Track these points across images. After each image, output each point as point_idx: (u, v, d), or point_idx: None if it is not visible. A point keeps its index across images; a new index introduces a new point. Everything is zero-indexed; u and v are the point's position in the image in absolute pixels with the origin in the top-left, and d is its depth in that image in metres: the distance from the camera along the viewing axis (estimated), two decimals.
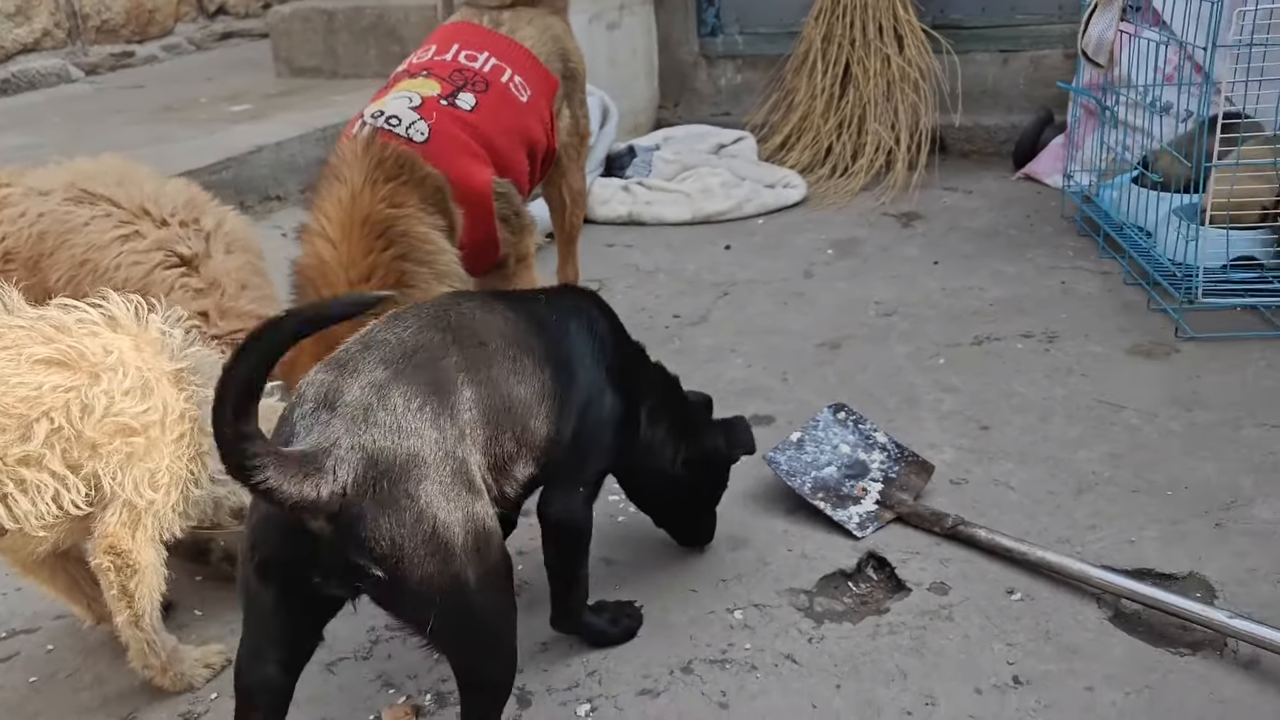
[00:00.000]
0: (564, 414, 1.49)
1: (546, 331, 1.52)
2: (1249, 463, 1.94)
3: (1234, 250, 2.53)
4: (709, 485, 1.80)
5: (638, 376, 1.68)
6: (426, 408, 1.29)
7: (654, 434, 1.68)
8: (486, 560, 1.29)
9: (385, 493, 1.21)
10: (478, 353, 1.40)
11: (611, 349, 1.61)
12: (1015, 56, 4.04)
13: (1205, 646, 1.53)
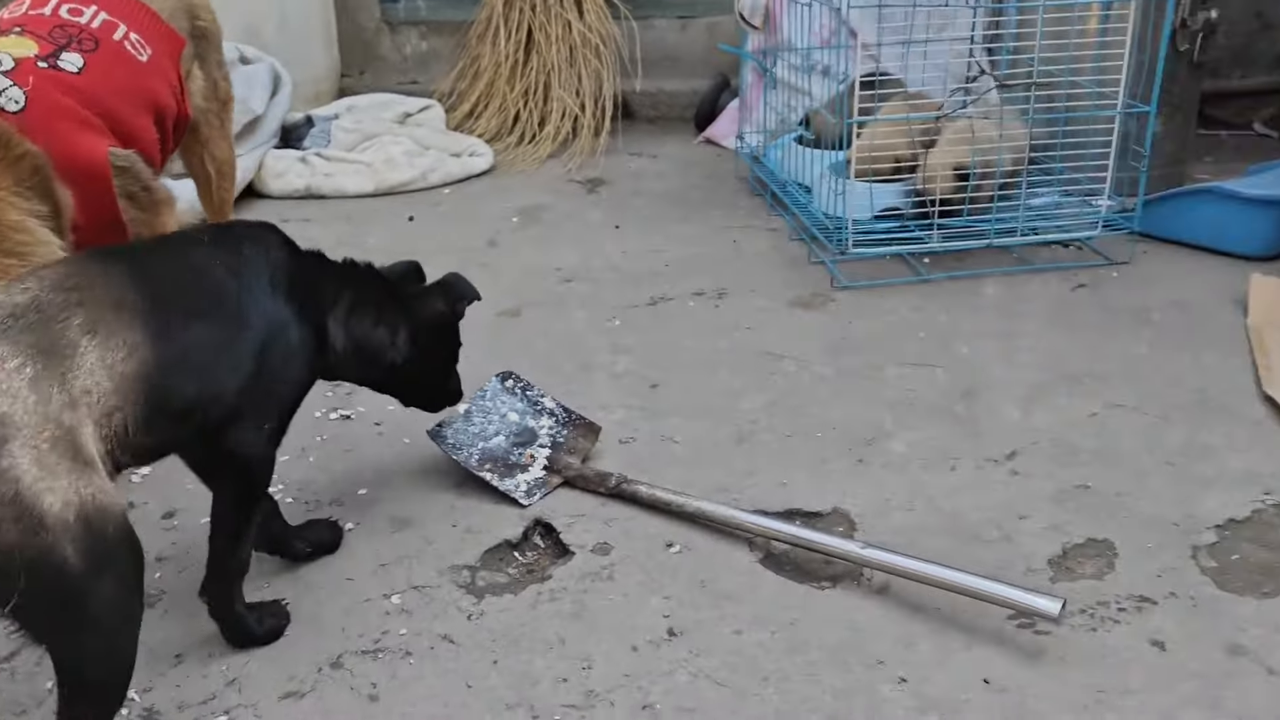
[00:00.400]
0: (237, 361, 1.42)
1: (208, 278, 1.43)
2: (889, 400, 2.07)
3: (880, 202, 2.69)
4: (444, 351, 1.79)
5: (322, 293, 1.60)
6: (27, 369, 1.17)
7: (368, 334, 1.64)
8: (95, 540, 1.16)
9: None
10: (112, 315, 1.27)
11: (289, 276, 1.52)
12: (692, 23, 4.15)
13: (844, 578, 1.60)
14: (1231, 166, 3.16)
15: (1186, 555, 1.60)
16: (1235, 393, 2.02)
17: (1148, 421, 1.95)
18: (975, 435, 1.94)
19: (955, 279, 2.57)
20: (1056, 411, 2.00)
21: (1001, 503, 1.75)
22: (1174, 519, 1.68)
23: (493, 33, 4.01)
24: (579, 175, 3.55)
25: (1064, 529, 1.67)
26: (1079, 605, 1.51)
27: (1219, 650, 1.42)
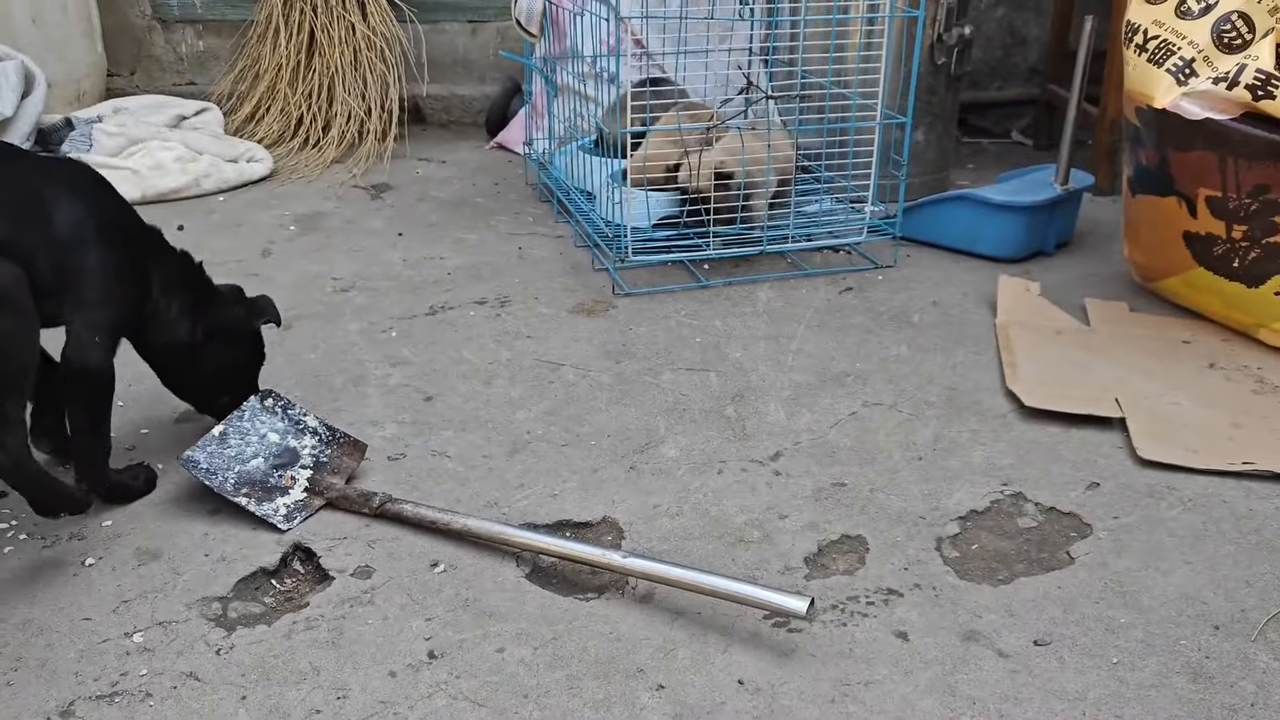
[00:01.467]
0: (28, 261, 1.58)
1: (15, 184, 1.63)
2: (663, 406, 2.09)
3: (659, 210, 2.73)
4: (234, 353, 1.93)
5: (143, 248, 1.81)
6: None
7: (169, 307, 1.81)
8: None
9: None
10: None
11: (110, 213, 1.74)
12: (483, 27, 4.10)
13: (610, 588, 1.61)
14: (991, 173, 3.37)
15: (931, 547, 1.69)
16: (982, 390, 2.15)
17: (901, 419, 2.04)
18: (743, 438, 1.99)
19: (732, 284, 2.64)
20: (819, 412, 2.07)
21: (765, 504, 1.79)
22: (921, 512, 1.77)
23: (273, 33, 3.85)
24: (363, 181, 3.45)
25: (821, 527, 1.73)
26: (831, 601, 1.57)
27: (956, 637, 1.50)
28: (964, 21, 3.03)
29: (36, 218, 1.64)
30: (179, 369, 1.88)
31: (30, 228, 1.62)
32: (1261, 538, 1.70)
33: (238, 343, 1.93)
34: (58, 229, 1.65)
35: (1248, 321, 2.31)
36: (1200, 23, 2.24)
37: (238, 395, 1.91)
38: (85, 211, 1.69)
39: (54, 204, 1.66)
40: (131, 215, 1.82)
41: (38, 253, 1.61)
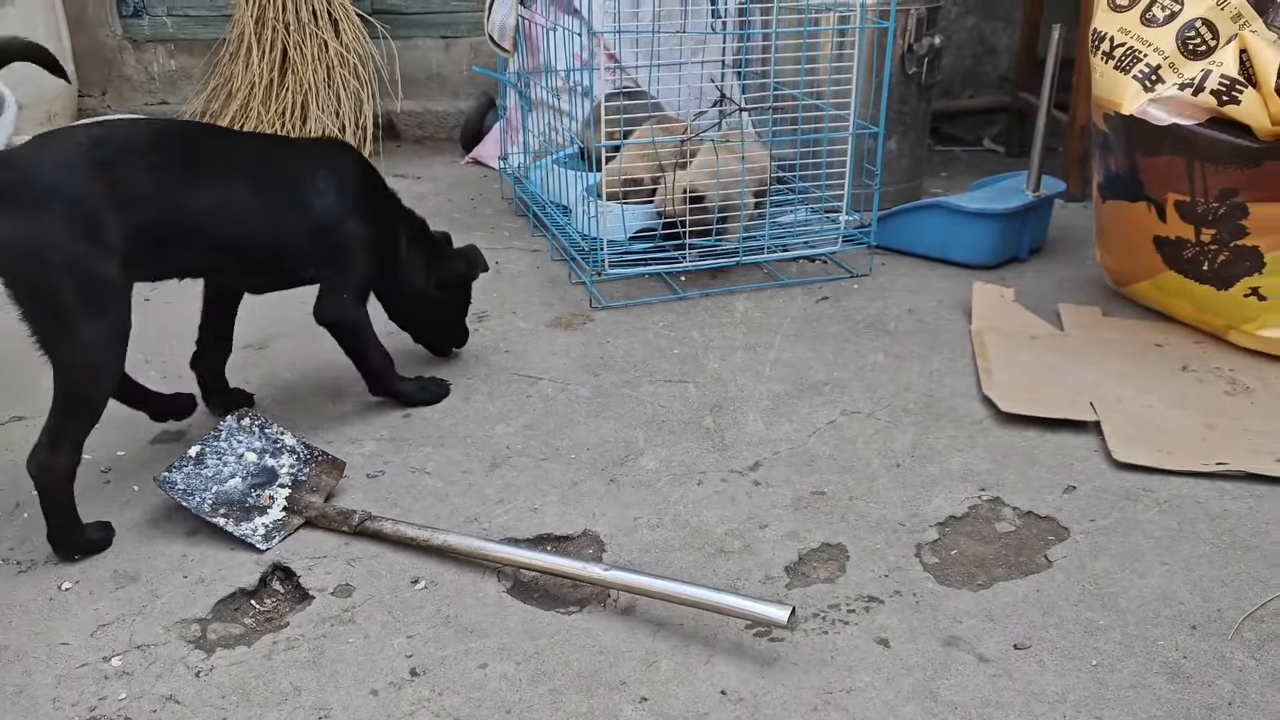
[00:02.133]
0: (289, 236, 1.91)
1: (276, 164, 1.91)
2: (642, 418, 2.10)
3: (635, 223, 2.74)
4: (460, 300, 2.28)
5: (390, 214, 2.10)
6: (91, 169, 1.64)
7: (411, 264, 2.14)
8: (89, 300, 1.62)
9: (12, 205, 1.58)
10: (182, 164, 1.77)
11: (359, 188, 2.00)
12: (456, 43, 4.11)
13: (591, 601, 1.61)
14: (964, 180, 3.40)
15: (911, 554, 1.70)
16: (959, 396, 2.17)
17: (880, 426, 2.05)
18: (722, 449, 1.99)
19: (710, 296, 2.65)
20: (798, 421, 2.08)
21: (745, 514, 1.80)
22: (900, 519, 1.78)
23: (245, 51, 3.85)
24: None
25: (801, 536, 1.74)
26: (812, 609, 1.57)
27: (937, 643, 1.50)
28: (934, 31, 3.06)
29: (299, 194, 1.91)
30: (414, 313, 2.23)
31: (292, 203, 1.90)
32: (1236, 537, 1.72)
33: (460, 290, 2.27)
34: (318, 203, 1.93)
35: (1218, 324, 2.34)
36: (1165, 30, 2.27)
37: (453, 335, 2.31)
38: (342, 187, 1.96)
39: (316, 181, 1.93)
40: (384, 190, 2.10)
41: (297, 224, 1.91)
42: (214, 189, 1.80)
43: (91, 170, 1.64)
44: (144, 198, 1.70)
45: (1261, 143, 2.11)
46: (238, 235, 1.85)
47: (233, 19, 3.90)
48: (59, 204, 1.60)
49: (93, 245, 1.62)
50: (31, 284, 1.61)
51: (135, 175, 1.69)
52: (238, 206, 1.83)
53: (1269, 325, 2.24)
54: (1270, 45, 2.10)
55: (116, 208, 1.66)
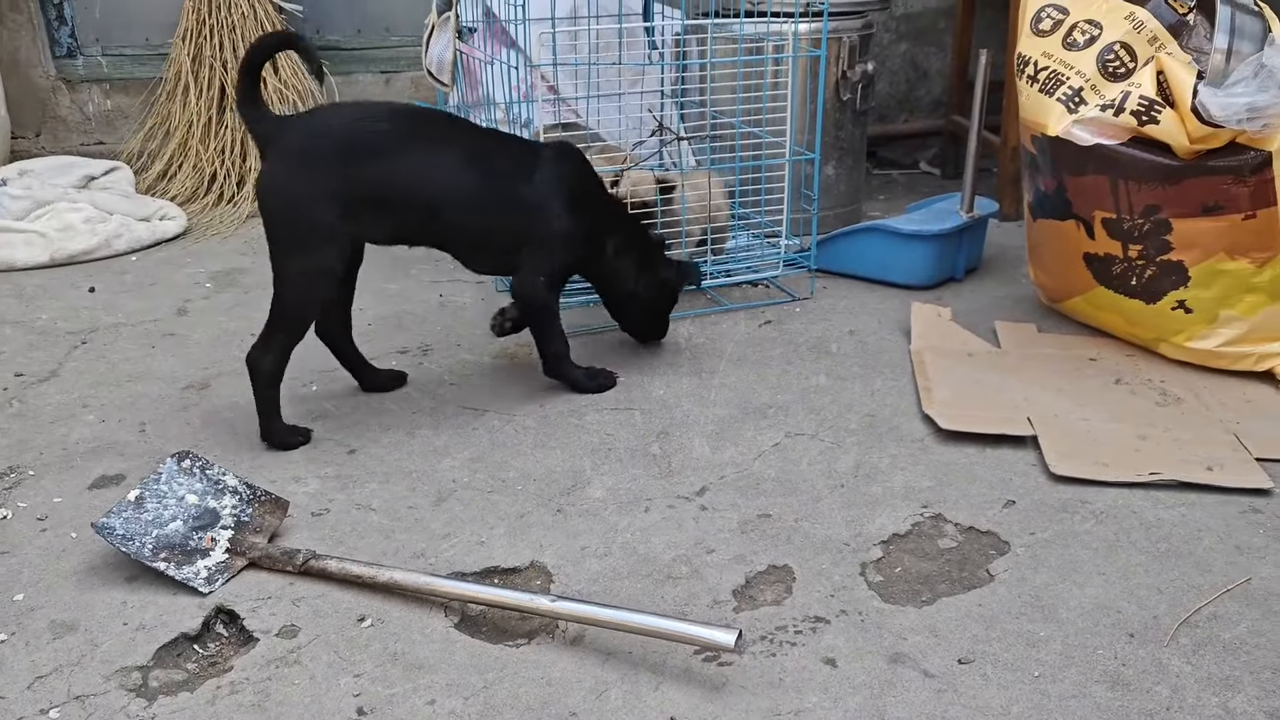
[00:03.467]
0: (500, 217, 2.15)
1: (501, 158, 2.16)
2: (588, 446, 2.10)
3: None
4: (661, 304, 2.47)
5: (599, 218, 2.29)
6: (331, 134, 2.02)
7: (621, 265, 2.34)
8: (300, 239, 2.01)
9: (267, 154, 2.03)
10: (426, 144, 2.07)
11: (572, 188, 2.21)
12: (396, 77, 4.11)
13: (540, 633, 1.60)
14: (902, 202, 3.47)
15: (856, 573, 1.72)
16: (900, 415, 2.20)
17: (823, 448, 2.08)
18: (669, 474, 2.00)
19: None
20: (743, 445, 2.10)
21: (692, 539, 1.81)
22: (845, 539, 1.80)
23: (183, 90, 3.82)
24: None
25: (748, 559, 1.75)
26: (760, 632, 1.58)
27: (883, 661, 1.52)
28: (867, 59, 3.12)
29: (518, 181, 2.15)
30: (623, 309, 2.45)
31: (510, 188, 2.14)
32: (1170, 545, 1.76)
33: (667, 296, 2.45)
34: (531, 193, 2.15)
35: (1148, 337, 2.40)
36: (1086, 53, 2.34)
37: (654, 329, 2.52)
38: (557, 183, 2.18)
39: (535, 173, 2.16)
40: (600, 197, 2.32)
41: (512, 211, 2.14)
42: (432, 162, 2.07)
43: (331, 136, 2.00)
44: (369, 159, 2.01)
45: (1181, 160, 2.19)
46: (448, 206, 2.10)
47: (169, 57, 3.87)
48: (295, 158, 1.99)
49: (313, 194, 1.97)
50: (267, 218, 2.02)
51: (367, 141, 2.01)
52: (453, 181, 2.09)
53: (1196, 337, 2.31)
54: (1185, 67, 2.17)
55: (343, 168, 1.98)
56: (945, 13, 4.05)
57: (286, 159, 2.00)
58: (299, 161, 1.99)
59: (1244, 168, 2.14)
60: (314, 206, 1.99)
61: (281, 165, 2.00)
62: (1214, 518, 1.84)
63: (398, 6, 3.97)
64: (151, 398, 2.34)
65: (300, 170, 1.99)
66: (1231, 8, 2.19)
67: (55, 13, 4.01)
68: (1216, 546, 1.76)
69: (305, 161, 1.99)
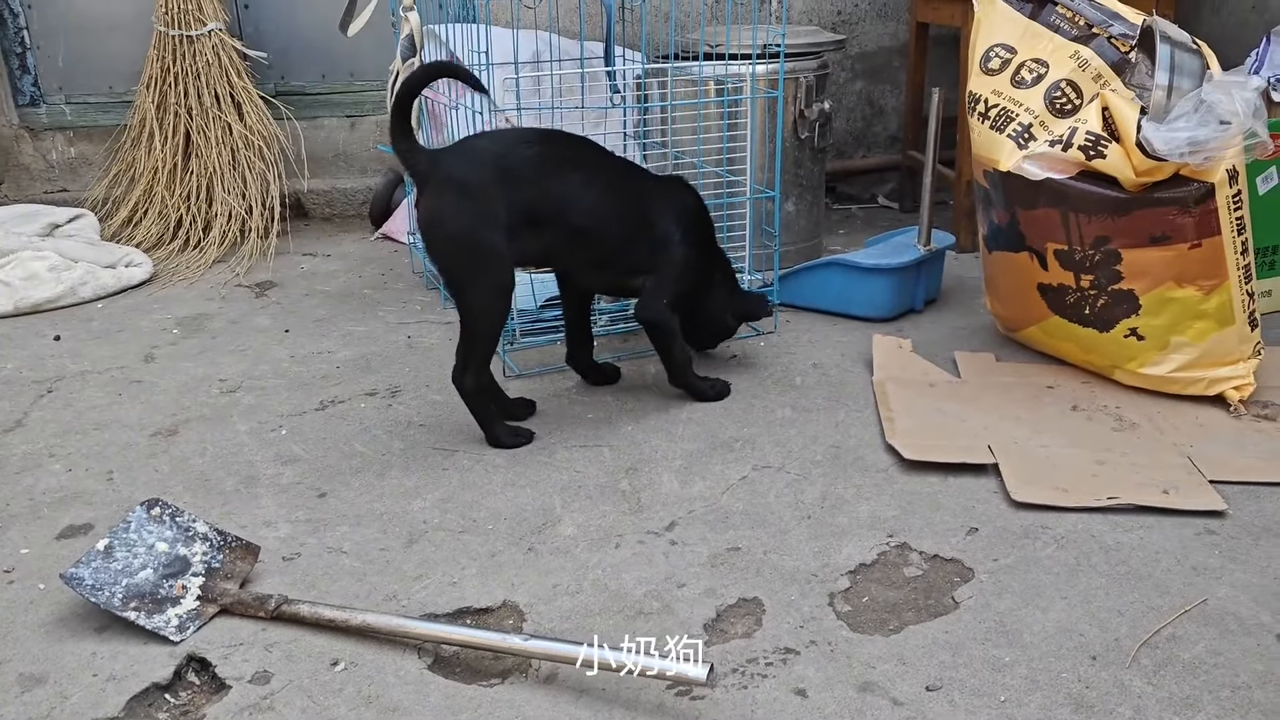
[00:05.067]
0: (630, 242, 2.32)
1: (634, 185, 2.34)
2: (559, 484, 2.12)
3: (545, 292, 2.78)
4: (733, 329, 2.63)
5: (708, 252, 2.48)
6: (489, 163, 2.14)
7: (719, 298, 2.53)
8: (478, 262, 2.14)
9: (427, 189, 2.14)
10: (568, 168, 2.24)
11: (691, 221, 2.41)
12: (361, 121, 4.15)
13: (514, 672, 1.62)
14: (862, 237, 3.53)
15: (825, 603, 1.74)
16: (865, 446, 2.24)
17: (790, 480, 2.11)
18: (638, 510, 2.02)
19: (621, 360, 2.69)
20: (711, 479, 2.12)
21: (663, 574, 1.83)
22: (813, 570, 1.83)
23: (147, 137, 3.83)
24: (247, 280, 3.43)
25: (718, 592, 1.77)
26: (732, 665, 1.60)
27: (852, 689, 1.55)
28: (823, 97, 3.19)
29: (647, 209, 2.33)
30: (710, 334, 2.61)
31: (640, 215, 2.32)
32: (1129, 568, 1.81)
33: (739, 322, 2.63)
34: (660, 222, 2.34)
35: (1104, 364, 2.46)
36: (1034, 91, 2.42)
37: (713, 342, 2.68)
38: (680, 215, 2.37)
39: (661, 203, 2.35)
40: (710, 231, 2.50)
41: (638, 240, 2.32)
42: (579, 185, 2.22)
43: (484, 166, 2.13)
44: (525, 183, 2.14)
45: (1128, 193, 2.26)
46: (592, 228, 2.24)
47: (134, 105, 3.88)
48: (457, 189, 2.11)
49: (482, 221, 2.10)
50: (438, 248, 2.15)
51: (520, 167, 2.15)
52: (597, 204, 2.23)
53: (1149, 363, 2.37)
54: (1128, 103, 2.24)
55: (504, 193, 2.12)
56: (898, 51, 4.15)
57: (449, 191, 2.11)
58: (463, 192, 2.11)
59: (1188, 199, 2.21)
60: (485, 232, 2.11)
61: (446, 198, 2.12)
62: (1171, 540, 1.88)
63: (361, 52, 4.01)
64: (119, 445, 2.34)
65: (465, 201, 2.11)
66: (1171, 46, 2.27)
67: (18, 62, 4.02)
68: (1174, 568, 1.81)
69: (468, 192, 2.11)
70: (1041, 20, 2.48)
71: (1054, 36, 2.45)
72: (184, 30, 3.74)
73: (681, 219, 2.38)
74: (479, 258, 2.12)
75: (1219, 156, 2.17)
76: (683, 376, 2.45)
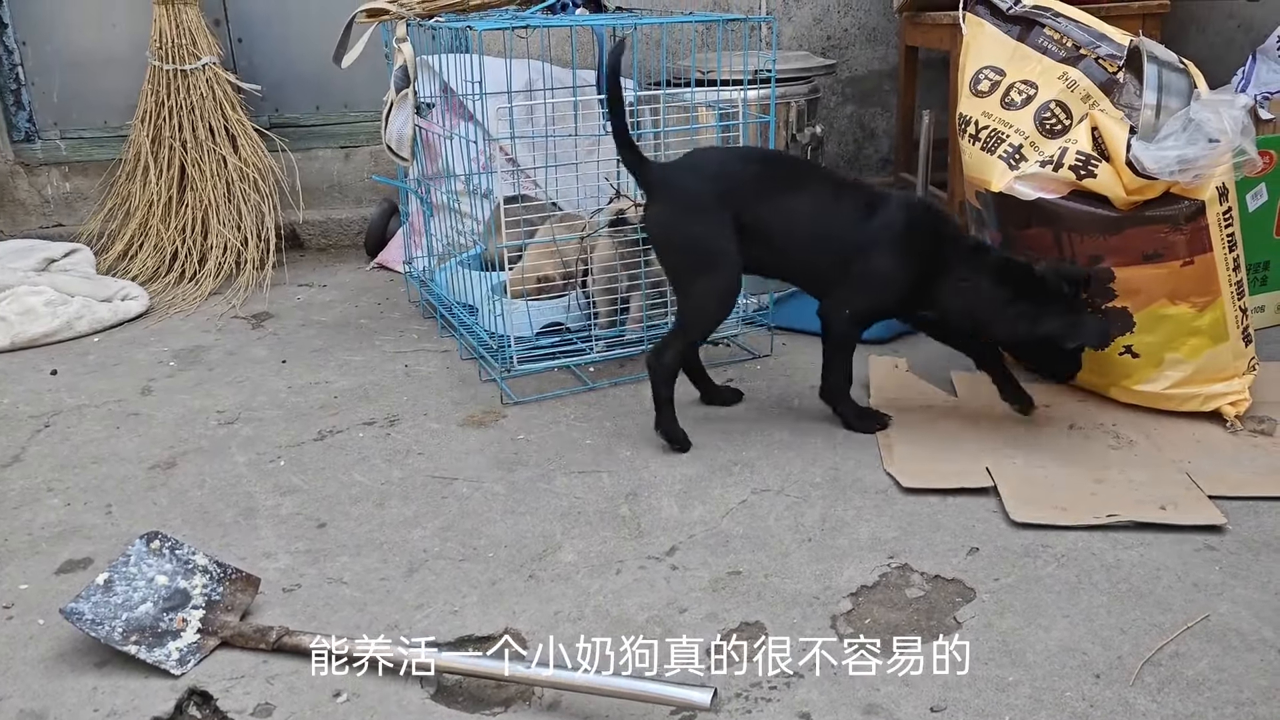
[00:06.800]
0: (832, 261, 2.32)
1: (848, 206, 2.32)
2: (558, 510, 2.12)
3: (542, 319, 2.79)
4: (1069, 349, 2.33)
5: (938, 266, 2.29)
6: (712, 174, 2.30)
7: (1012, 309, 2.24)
8: (702, 263, 2.28)
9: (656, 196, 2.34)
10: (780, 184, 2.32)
11: (903, 231, 2.29)
12: (356, 151, 4.17)
13: (517, 700, 1.61)
14: None
15: (827, 625, 1.74)
16: (864, 467, 2.24)
17: (789, 502, 2.11)
18: (639, 535, 2.02)
19: (619, 385, 2.70)
20: (710, 503, 2.12)
21: (664, 599, 1.82)
22: (815, 592, 1.82)
23: (142, 171, 3.84)
24: (244, 311, 3.44)
25: (720, 617, 1.77)
26: (735, 690, 1.60)
27: (857, 712, 1.54)
28: (815, 121, 3.22)
29: (851, 225, 2.31)
30: (1012, 346, 2.45)
31: (843, 231, 2.31)
32: (1130, 585, 1.81)
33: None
34: (861, 236, 2.29)
35: (1100, 382, 2.47)
36: (1023, 112, 2.44)
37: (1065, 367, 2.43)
38: (886, 228, 2.29)
39: (869, 219, 2.30)
40: (938, 242, 2.30)
41: (835, 246, 2.31)
42: (790, 205, 2.29)
43: (707, 178, 2.28)
44: (745, 198, 2.27)
45: (1120, 211, 2.27)
46: (796, 245, 2.32)
47: (128, 139, 3.90)
48: (687, 199, 2.28)
49: (714, 227, 2.25)
50: (664, 248, 2.33)
51: (745, 181, 2.28)
52: (804, 223, 2.30)
53: (1144, 380, 2.38)
54: (1118, 123, 2.27)
55: (725, 202, 2.26)
56: (888, 75, 4.18)
57: (679, 200, 2.28)
58: (693, 202, 2.27)
59: (1179, 216, 2.23)
60: (717, 237, 2.25)
61: (677, 207, 2.29)
62: (1171, 557, 1.88)
63: (355, 84, 4.03)
64: (117, 479, 2.33)
65: (695, 210, 2.26)
66: (1159, 66, 2.30)
67: (13, 98, 4.05)
68: (1175, 585, 1.81)
69: (698, 201, 2.27)
70: (1030, 42, 2.51)
71: (1042, 58, 2.47)
72: (178, 64, 3.77)
73: (888, 232, 2.29)
74: (709, 259, 2.26)
75: (1209, 174, 2.19)
76: (834, 394, 2.43)
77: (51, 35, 4.02)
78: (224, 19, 4.02)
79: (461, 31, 2.65)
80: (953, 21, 2.86)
